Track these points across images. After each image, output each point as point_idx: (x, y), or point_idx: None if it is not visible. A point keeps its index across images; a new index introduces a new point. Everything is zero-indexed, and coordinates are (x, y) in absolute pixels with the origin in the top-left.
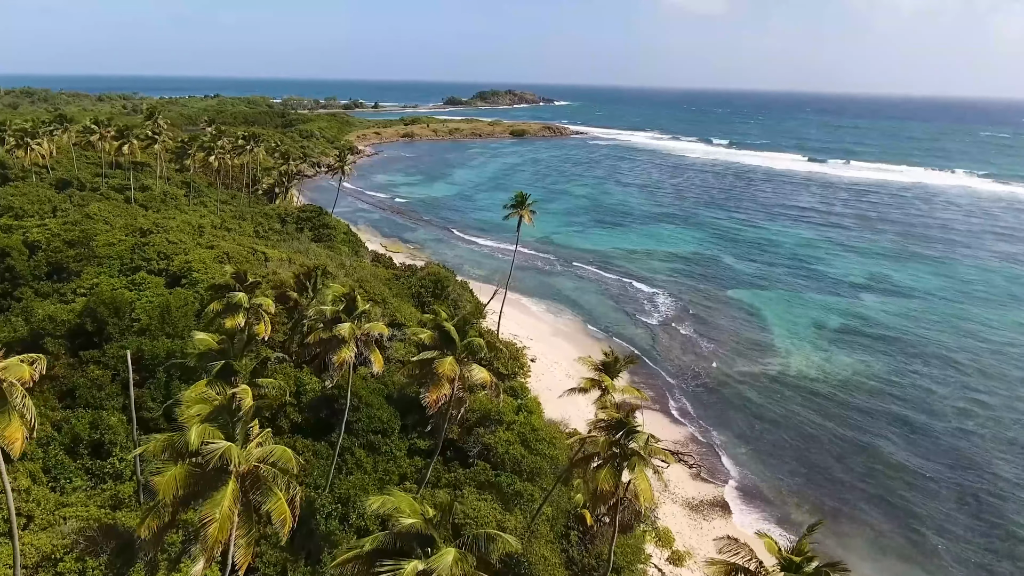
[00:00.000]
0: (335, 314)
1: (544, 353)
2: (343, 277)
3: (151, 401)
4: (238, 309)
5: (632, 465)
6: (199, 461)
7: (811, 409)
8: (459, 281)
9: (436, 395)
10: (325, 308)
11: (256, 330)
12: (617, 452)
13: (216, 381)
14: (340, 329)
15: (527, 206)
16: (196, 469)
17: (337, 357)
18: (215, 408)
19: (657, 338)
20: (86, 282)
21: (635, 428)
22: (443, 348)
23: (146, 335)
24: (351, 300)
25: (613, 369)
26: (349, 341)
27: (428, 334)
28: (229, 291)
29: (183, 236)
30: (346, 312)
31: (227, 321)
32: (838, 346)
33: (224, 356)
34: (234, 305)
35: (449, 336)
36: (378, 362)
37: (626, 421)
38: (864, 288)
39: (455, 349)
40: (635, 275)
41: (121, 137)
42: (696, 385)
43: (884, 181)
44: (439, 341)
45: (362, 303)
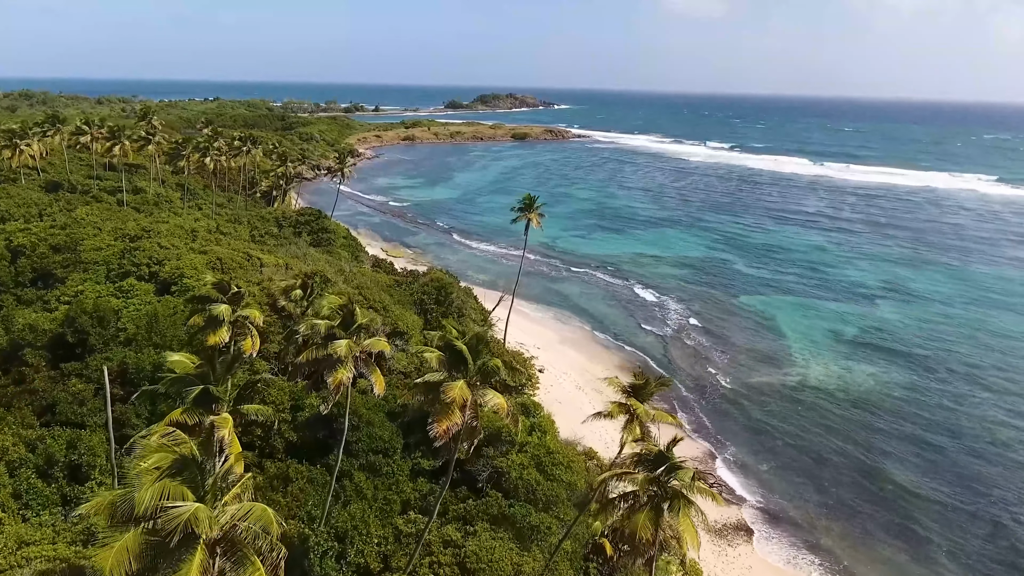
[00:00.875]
0: (330, 329)
1: (552, 363)
2: (342, 284)
3: (135, 418)
4: (220, 323)
5: (676, 508)
6: (157, 526)
7: (833, 424)
8: (462, 287)
9: (445, 425)
10: (319, 323)
11: (242, 346)
12: (657, 492)
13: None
14: (336, 347)
15: (535, 209)
16: (153, 538)
17: (333, 378)
18: (178, 459)
19: (668, 347)
20: (70, 289)
21: (679, 463)
22: (452, 370)
23: (132, 346)
24: (349, 313)
25: (643, 392)
26: (346, 360)
27: (436, 355)
28: (210, 303)
29: (175, 240)
30: (343, 327)
31: (209, 337)
32: (857, 356)
33: (203, 380)
34: (216, 319)
35: (460, 356)
36: (379, 383)
37: (667, 455)
38: (879, 295)
39: (467, 372)
40: (643, 281)
41: (112, 138)
42: (711, 398)
43: (891, 185)
44: (448, 362)
45: (361, 316)
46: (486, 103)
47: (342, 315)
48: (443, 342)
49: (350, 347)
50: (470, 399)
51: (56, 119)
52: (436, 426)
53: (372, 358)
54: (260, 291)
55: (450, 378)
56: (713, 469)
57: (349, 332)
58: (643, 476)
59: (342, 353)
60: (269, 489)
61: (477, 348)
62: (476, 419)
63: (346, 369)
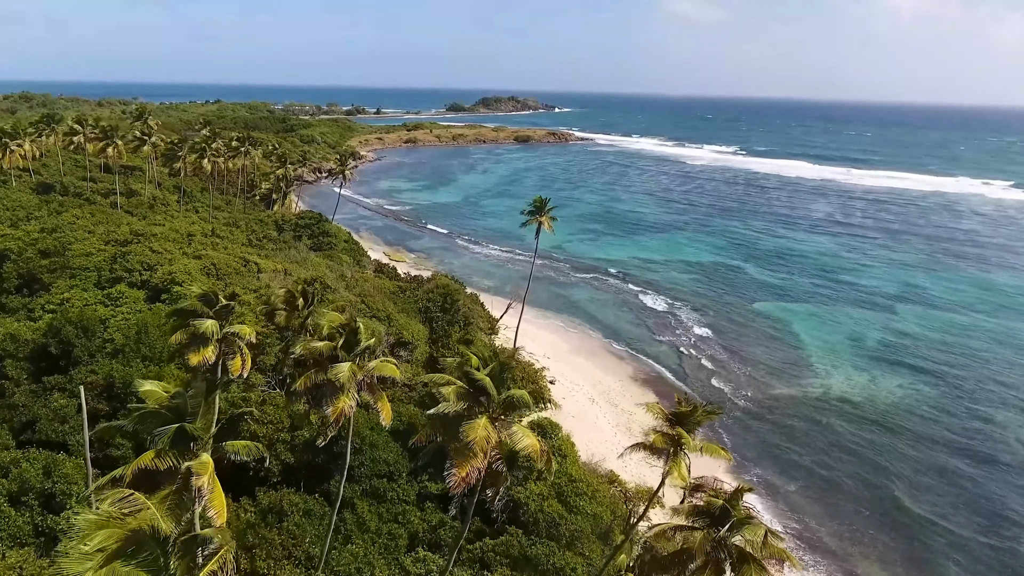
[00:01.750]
0: (331, 351)
1: (563, 374)
2: (343, 290)
3: (121, 437)
4: (206, 341)
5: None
6: None
7: (861, 443)
8: (469, 294)
9: (465, 470)
10: (318, 345)
11: (230, 367)
12: (720, 554)
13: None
14: (337, 371)
15: (547, 212)
16: None
17: (333, 407)
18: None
19: (683, 357)
20: (56, 297)
21: (747, 519)
22: (473, 403)
23: (120, 358)
24: (352, 332)
25: (691, 421)
26: (349, 386)
27: (454, 389)
28: (195, 318)
29: (168, 245)
30: (345, 347)
31: (192, 356)
32: (879, 368)
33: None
34: (201, 336)
35: (482, 388)
36: (386, 413)
37: (732, 509)
38: (898, 301)
39: (490, 405)
40: (654, 286)
41: (105, 138)
42: (731, 411)
43: (900, 189)
44: (468, 393)
45: (365, 335)
46: (488, 106)
47: (344, 335)
48: (461, 371)
49: (353, 371)
50: (494, 439)
51: (51, 119)
52: (455, 472)
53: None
54: (256, 299)
55: (470, 412)
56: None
57: (352, 354)
58: (702, 535)
59: (344, 379)
60: (262, 525)
61: (501, 377)
62: (502, 462)
63: (348, 397)
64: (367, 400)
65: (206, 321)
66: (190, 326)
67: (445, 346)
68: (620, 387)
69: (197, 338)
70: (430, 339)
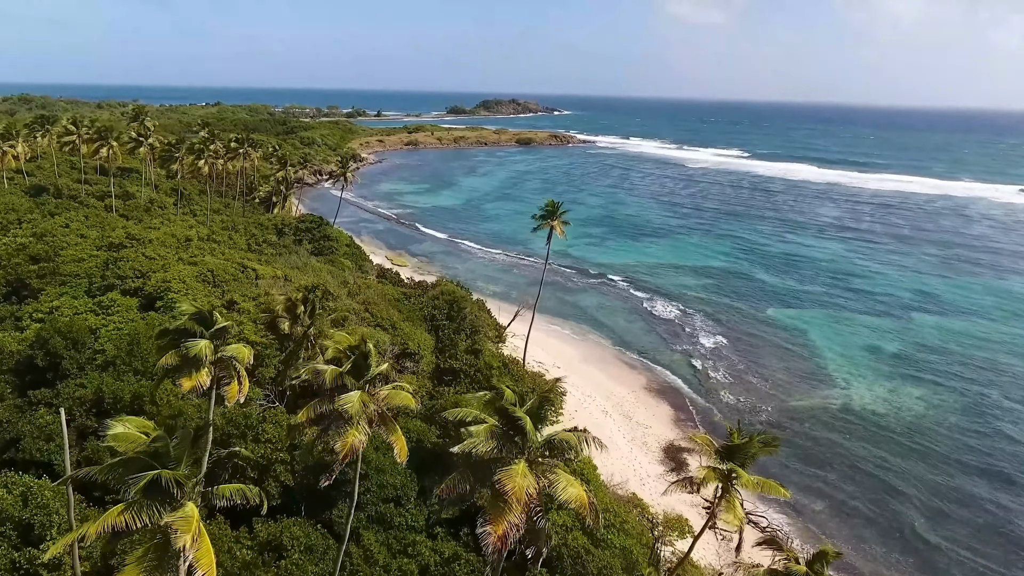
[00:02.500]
0: (338, 378)
1: (574, 384)
2: (345, 297)
3: (110, 457)
4: (199, 365)
5: None
6: None
7: (888, 457)
8: (475, 300)
9: (501, 528)
10: (323, 369)
11: (226, 393)
12: None
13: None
14: (346, 402)
15: (559, 216)
16: None
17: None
18: None
19: (697, 366)
20: (45, 305)
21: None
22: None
23: (111, 370)
24: (362, 356)
25: (745, 453)
26: (359, 419)
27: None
28: (187, 338)
29: (164, 250)
30: (354, 373)
31: (184, 381)
32: (900, 377)
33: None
34: (193, 360)
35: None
36: (401, 448)
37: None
38: (913, 309)
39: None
40: (663, 292)
41: (100, 139)
42: (750, 424)
43: (907, 192)
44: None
45: (376, 359)
46: (489, 109)
47: (353, 358)
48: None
49: (364, 401)
50: (535, 489)
51: (45, 120)
52: (490, 530)
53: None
54: (255, 307)
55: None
56: (764, 510)
57: (362, 381)
58: None
59: (354, 410)
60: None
61: (540, 414)
62: (544, 517)
63: (358, 431)
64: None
65: (199, 342)
66: (181, 347)
67: (452, 356)
68: (633, 398)
69: (189, 361)
70: (436, 348)
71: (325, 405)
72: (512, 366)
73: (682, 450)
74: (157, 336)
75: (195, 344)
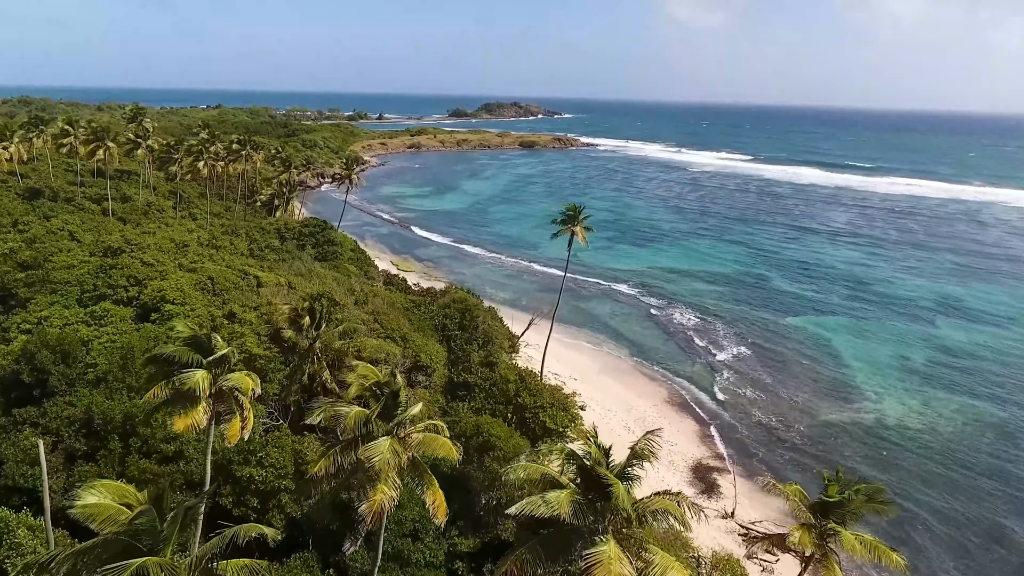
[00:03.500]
0: (363, 421)
1: (593, 397)
2: (352, 306)
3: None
4: (195, 399)
5: None
6: None
7: (931, 477)
8: (487, 308)
9: None
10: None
11: (227, 432)
12: None
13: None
14: (374, 453)
15: (581, 221)
16: None
17: (369, 504)
18: None
19: (718, 378)
20: (33, 315)
21: None
22: (594, 516)
23: (102, 387)
24: (392, 395)
25: (846, 511)
26: (389, 472)
27: (567, 496)
28: (181, 368)
29: (161, 256)
30: (384, 416)
31: (177, 420)
32: (932, 388)
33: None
34: (188, 394)
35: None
36: (439, 504)
37: None
38: (937, 314)
39: (615, 517)
40: (678, 299)
41: (96, 140)
42: (780, 443)
43: (918, 196)
44: (587, 505)
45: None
46: (490, 112)
47: (381, 396)
48: (579, 464)
49: (395, 450)
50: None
51: (39, 120)
52: None
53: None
54: (257, 317)
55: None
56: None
57: (394, 424)
58: None
59: (382, 462)
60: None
61: (629, 474)
62: None
63: (388, 486)
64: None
65: (195, 372)
66: (174, 379)
67: (466, 369)
68: (656, 413)
69: (183, 396)
70: (449, 360)
71: (347, 455)
72: (529, 379)
73: (711, 469)
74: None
75: (190, 376)
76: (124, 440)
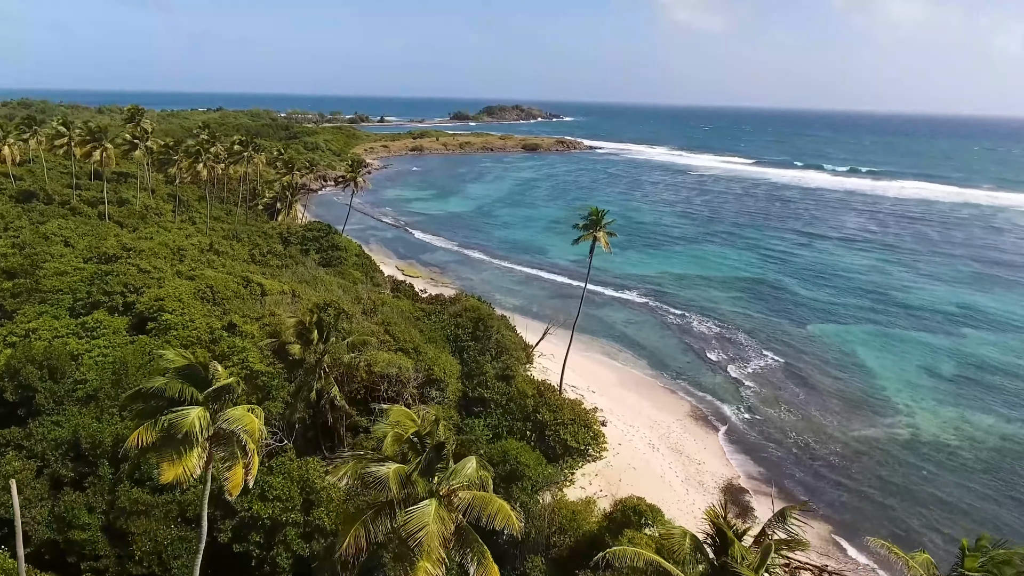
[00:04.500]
0: (404, 481)
1: (614, 412)
2: (360, 315)
3: (86, 515)
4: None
5: None
6: None
7: (977, 498)
8: (499, 316)
9: None
10: (380, 471)
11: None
12: None
13: None
14: (418, 524)
15: (604, 226)
16: None
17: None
18: None
19: (744, 390)
20: (21, 326)
21: None
22: None
23: (93, 405)
24: (436, 448)
25: None
26: (435, 546)
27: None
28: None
29: (159, 262)
30: (425, 472)
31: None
32: (966, 402)
33: None
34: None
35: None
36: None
37: None
38: (962, 322)
39: None
40: (693, 306)
41: (93, 141)
42: (812, 459)
43: (929, 200)
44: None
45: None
46: (492, 115)
47: (422, 450)
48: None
49: (441, 517)
50: None
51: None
52: None
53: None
54: (260, 329)
55: None
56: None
57: (438, 484)
58: None
59: (429, 537)
60: None
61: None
62: None
63: (434, 564)
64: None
65: (189, 412)
66: (162, 419)
67: (481, 384)
68: (680, 428)
69: (173, 440)
70: (463, 373)
71: (381, 522)
72: (548, 393)
73: (743, 491)
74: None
75: (183, 416)
76: (115, 466)
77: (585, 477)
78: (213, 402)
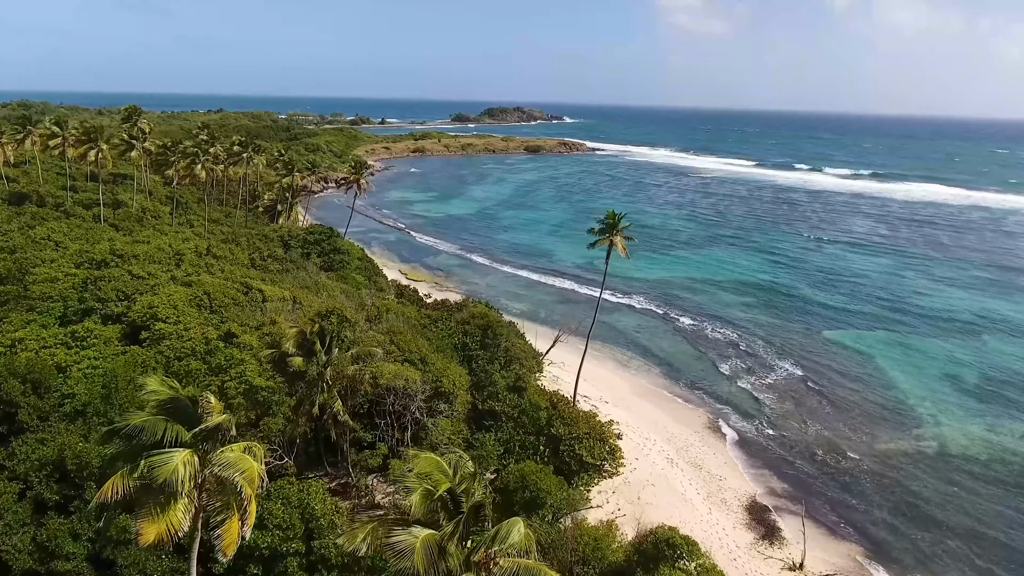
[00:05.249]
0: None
1: (630, 424)
2: (364, 323)
3: (71, 544)
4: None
5: None
6: None
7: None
8: (507, 323)
9: None
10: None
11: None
12: None
13: None
14: None
15: (621, 230)
16: None
17: None
18: None
19: (763, 401)
20: (7, 336)
21: None
22: None
23: (80, 422)
24: (474, 509)
25: None
26: None
27: None
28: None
29: (154, 267)
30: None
31: (146, 527)
32: (993, 412)
33: None
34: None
35: None
36: None
37: None
38: (982, 330)
39: None
40: (706, 312)
41: (88, 141)
42: (836, 473)
43: (938, 202)
44: None
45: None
46: (493, 117)
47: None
48: None
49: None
50: None
51: (27, 121)
52: None
53: None
54: (259, 339)
55: None
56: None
57: (473, 549)
58: None
59: None
60: None
61: None
62: None
63: None
64: None
65: (173, 456)
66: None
67: (492, 396)
68: (699, 441)
69: (153, 490)
70: (472, 384)
71: None
72: (561, 405)
73: (766, 509)
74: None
75: (166, 460)
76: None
77: (602, 495)
78: (203, 442)
